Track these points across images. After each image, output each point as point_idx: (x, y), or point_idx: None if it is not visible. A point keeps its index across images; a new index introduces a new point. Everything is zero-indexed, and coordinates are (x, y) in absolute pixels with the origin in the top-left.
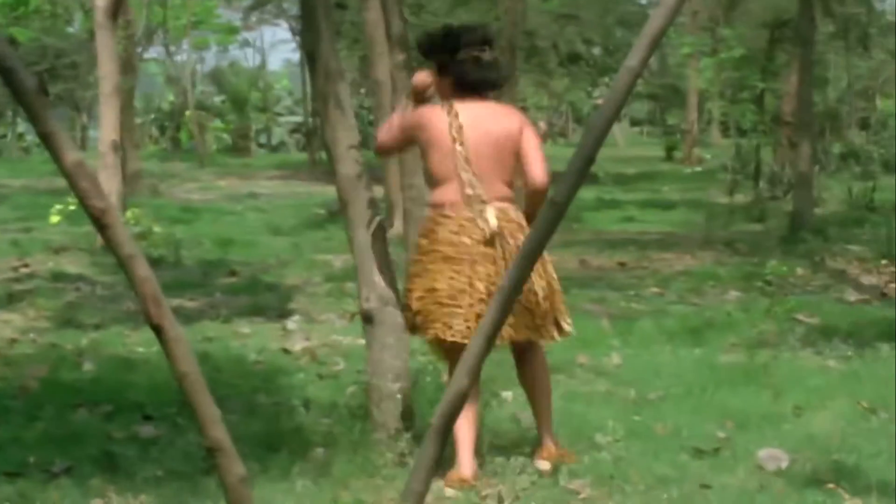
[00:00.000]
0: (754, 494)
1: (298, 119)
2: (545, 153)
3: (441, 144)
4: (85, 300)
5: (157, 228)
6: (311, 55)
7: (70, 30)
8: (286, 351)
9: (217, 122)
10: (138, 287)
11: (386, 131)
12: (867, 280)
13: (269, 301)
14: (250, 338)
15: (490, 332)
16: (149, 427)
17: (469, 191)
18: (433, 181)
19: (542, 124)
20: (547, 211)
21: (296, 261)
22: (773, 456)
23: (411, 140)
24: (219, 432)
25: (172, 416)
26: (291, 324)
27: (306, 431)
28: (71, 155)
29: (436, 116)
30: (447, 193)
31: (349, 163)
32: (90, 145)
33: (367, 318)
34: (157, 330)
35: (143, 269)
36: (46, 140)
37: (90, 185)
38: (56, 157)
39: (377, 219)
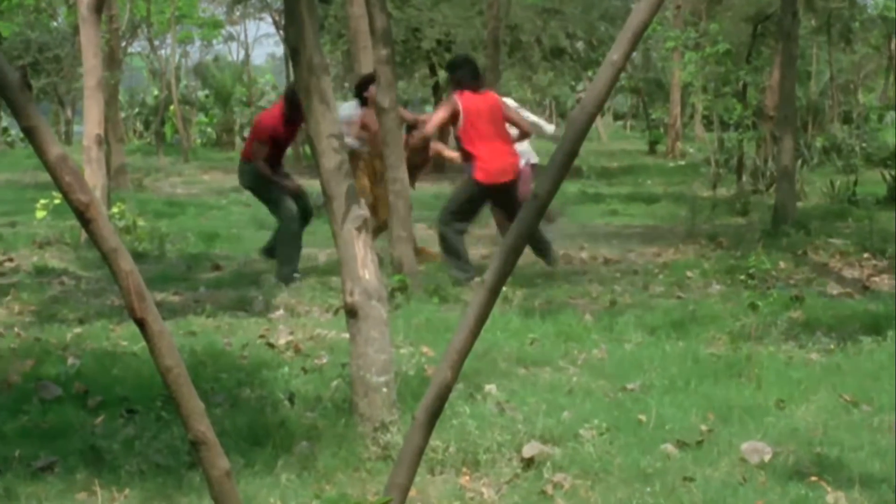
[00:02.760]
0: (737, 487)
1: None
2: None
3: None
4: (69, 294)
5: (141, 222)
6: (294, 49)
7: (54, 24)
8: (270, 345)
9: (201, 117)
10: (122, 281)
11: None
12: (849, 273)
13: (253, 295)
14: (235, 332)
15: (474, 327)
16: (133, 421)
17: None
18: None
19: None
20: (530, 204)
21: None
22: (756, 449)
23: None
24: (203, 426)
25: (157, 410)
26: (276, 318)
27: (291, 425)
28: (54, 149)
29: None
30: None
31: (333, 157)
32: (74, 139)
33: (352, 312)
34: (141, 324)
35: (126, 263)
36: (30, 134)
37: (74, 180)
38: (40, 151)
39: (362, 213)
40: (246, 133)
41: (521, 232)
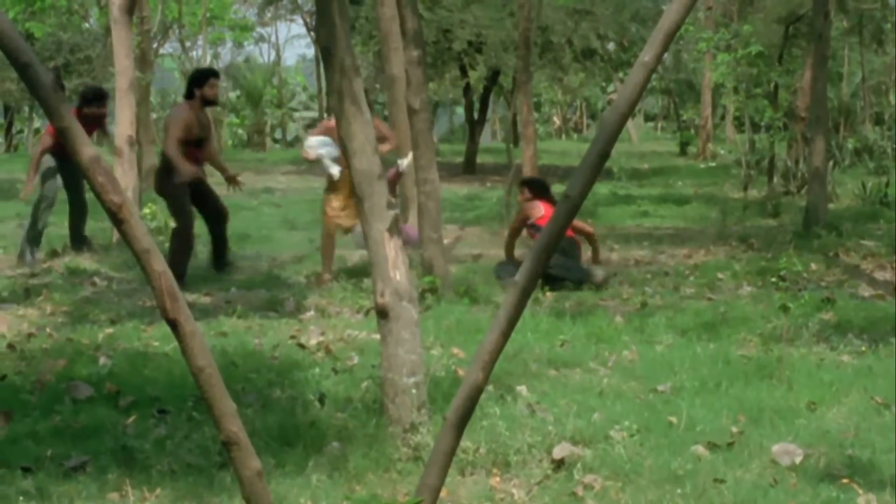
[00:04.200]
0: (768, 489)
1: (313, 114)
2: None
3: None
4: (101, 295)
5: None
6: (326, 50)
7: (86, 25)
8: (301, 346)
9: (232, 118)
10: (154, 282)
11: None
12: (881, 275)
13: (284, 296)
14: (265, 332)
15: (505, 328)
16: (165, 421)
17: None
18: None
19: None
20: (561, 205)
21: (311, 256)
22: (786, 450)
23: None
24: (234, 426)
25: (188, 410)
26: (306, 318)
27: (321, 426)
28: (88, 150)
29: None
30: None
31: (365, 158)
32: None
33: (382, 313)
34: (173, 324)
35: (158, 264)
36: (63, 135)
37: (107, 180)
38: (73, 151)
39: (393, 214)
40: (277, 134)
41: (552, 232)
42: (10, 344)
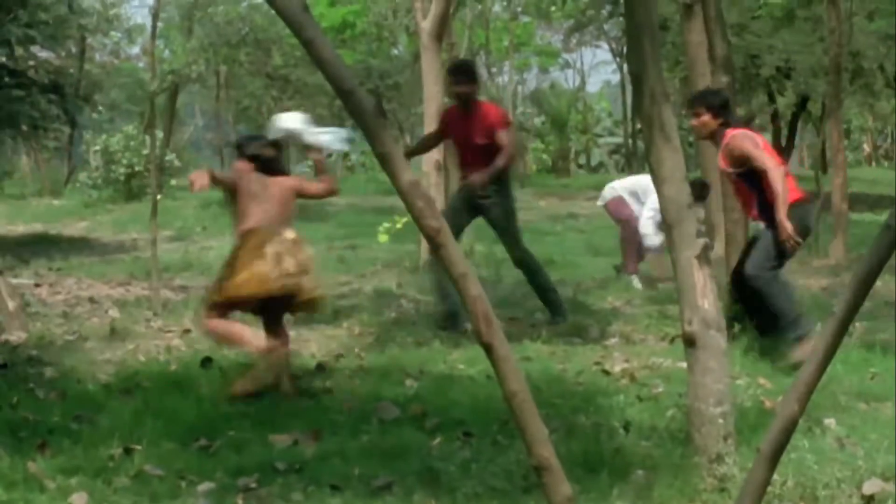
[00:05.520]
0: None
1: (618, 140)
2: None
3: None
4: (407, 317)
5: (478, 247)
6: (636, 77)
7: (394, 52)
8: (606, 372)
9: (537, 143)
10: (470, 305)
11: None
12: None
13: (588, 322)
14: (570, 358)
15: (822, 360)
16: (470, 444)
17: None
18: None
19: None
20: (882, 235)
21: (615, 282)
22: None
23: None
24: (546, 451)
25: (493, 434)
26: (610, 345)
27: (626, 453)
28: (407, 175)
29: None
30: None
31: (674, 185)
32: (413, 165)
33: (690, 342)
34: (488, 348)
35: (475, 288)
36: (383, 160)
37: (426, 205)
38: (392, 176)
39: (702, 241)
40: (581, 160)
41: (872, 262)
42: (319, 364)
